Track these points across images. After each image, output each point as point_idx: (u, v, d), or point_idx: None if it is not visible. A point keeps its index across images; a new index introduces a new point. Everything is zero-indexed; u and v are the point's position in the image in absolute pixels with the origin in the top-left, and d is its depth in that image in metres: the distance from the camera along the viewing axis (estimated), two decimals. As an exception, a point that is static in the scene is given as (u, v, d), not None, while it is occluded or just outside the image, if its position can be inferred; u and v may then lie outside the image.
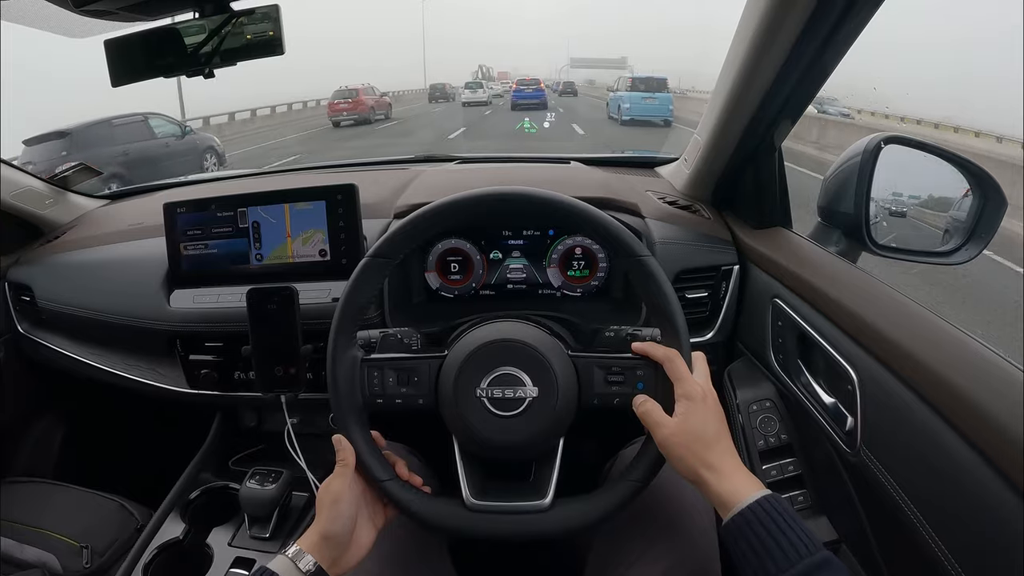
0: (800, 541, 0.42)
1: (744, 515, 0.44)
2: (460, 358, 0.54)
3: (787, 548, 0.42)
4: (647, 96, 10.88)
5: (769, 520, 0.43)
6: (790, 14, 0.57)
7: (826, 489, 0.67)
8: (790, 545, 0.42)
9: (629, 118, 10.74)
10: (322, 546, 0.49)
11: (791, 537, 0.43)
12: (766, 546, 0.43)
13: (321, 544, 0.49)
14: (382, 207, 0.88)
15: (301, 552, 0.48)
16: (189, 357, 0.85)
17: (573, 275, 0.84)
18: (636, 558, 0.56)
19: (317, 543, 0.49)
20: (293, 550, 0.49)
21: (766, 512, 0.44)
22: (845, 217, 0.72)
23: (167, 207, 0.84)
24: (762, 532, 0.43)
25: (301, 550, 0.48)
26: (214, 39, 0.72)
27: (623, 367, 0.54)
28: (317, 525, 0.50)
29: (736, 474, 0.47)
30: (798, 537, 0.43)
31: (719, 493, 0.46)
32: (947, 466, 0.45)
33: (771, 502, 0.45)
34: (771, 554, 0.42)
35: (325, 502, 0.51)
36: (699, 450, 0.48)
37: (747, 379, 0.77)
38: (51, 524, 0.84)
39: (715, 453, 0.48)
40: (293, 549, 0.49)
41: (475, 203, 0.54)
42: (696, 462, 0.48)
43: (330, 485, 0.51)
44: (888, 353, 0.53)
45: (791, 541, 0.42)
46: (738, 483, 0.47)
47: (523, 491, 0.54)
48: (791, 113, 0.73)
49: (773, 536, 0.43)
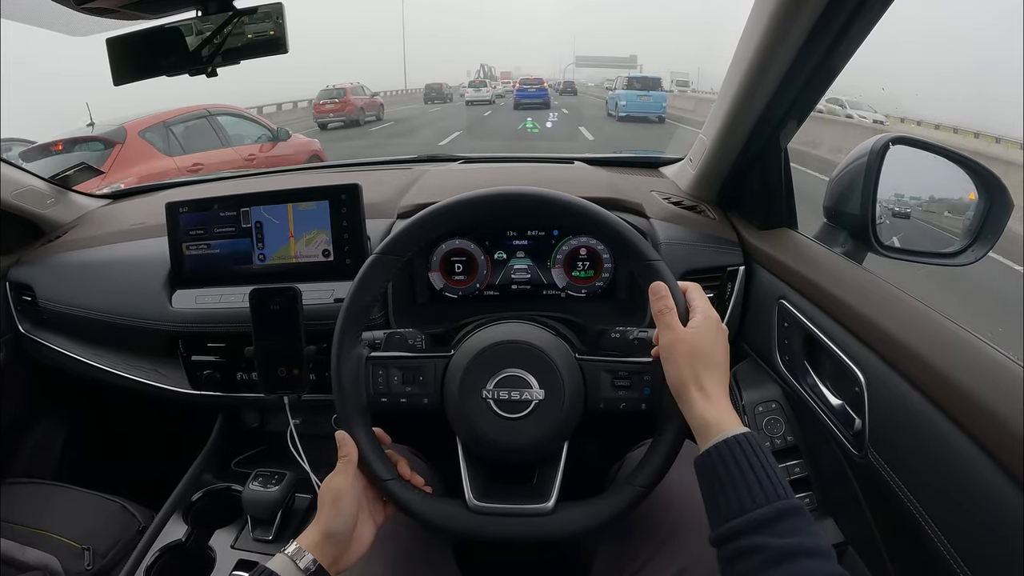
0: (778, 483, 0.41)
1: (727, 444, 0.43)
2: (467, 358, 0.53)
3: (765, 485, 0.41)
4: (642, 94, 11.53)
5: (751, 455, 0.42)
6: (799, 15, 0.57)
7: (833, 491, 0.67)
8: (769, 483, 0.41)
9: (625, 114, 11.37)
10: (323, 544, 0.48)
11: (770, 476, 0.42)
12: (746, 479, 0.41)
13: (322, 542, 0.48)
14: (386, 207, 0.88)
15: (301, 550, 0.48)
16: (191, 358, 0.85)
17: (578, 276, 0.83)
18: (643, 563, 0.56)
19: (318, 541, 0.48)
20: (293, 548, 0.48)
21: (749, 447, 0.43)
22: (851, 218, 0.72)
23: (169, 207, 0.83)
24: (744, 464, 0.42)
25: (301, 548, 0.48)
26: (216, 38, 0.72)
27: (630, 371, 0.53)
28: (318, 522, 0.50)
29: (724, 407, 0.46)
30: (776, 478, 0.42)
31: (703, 417, 0.45)
32: (956, 468, 0.45)
33: (752, 439, 0.44)
34: (750, 488, 0.41)
35: (327, 499, 0.50)
36: (698, 367, 0.47)
37: (753, 380, 0.77)
38: (52, 526, 0.83)
39: (711, 377, 0.47)
40: (293, 547, 0.48)
41: (486, 202, 0.54)
42: (690, 377, 0.46)
43: (332, 482, 0.51)
44: (896, 354, 0.52)
45: (770, 480, 0.41)
46: (724, 415, 0.45)
47: (526, 494, 0.53)
48: (798, 114, 0.72)
49: (754, 471, 0.42)
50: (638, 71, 26.30)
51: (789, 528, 0.39)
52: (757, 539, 0.39)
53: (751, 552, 0.39)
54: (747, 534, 0.40)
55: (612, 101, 12.55)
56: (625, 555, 0.58)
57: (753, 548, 0.39)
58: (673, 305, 0.50)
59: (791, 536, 0.39)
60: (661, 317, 0.50)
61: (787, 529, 0.39)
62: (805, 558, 0.38)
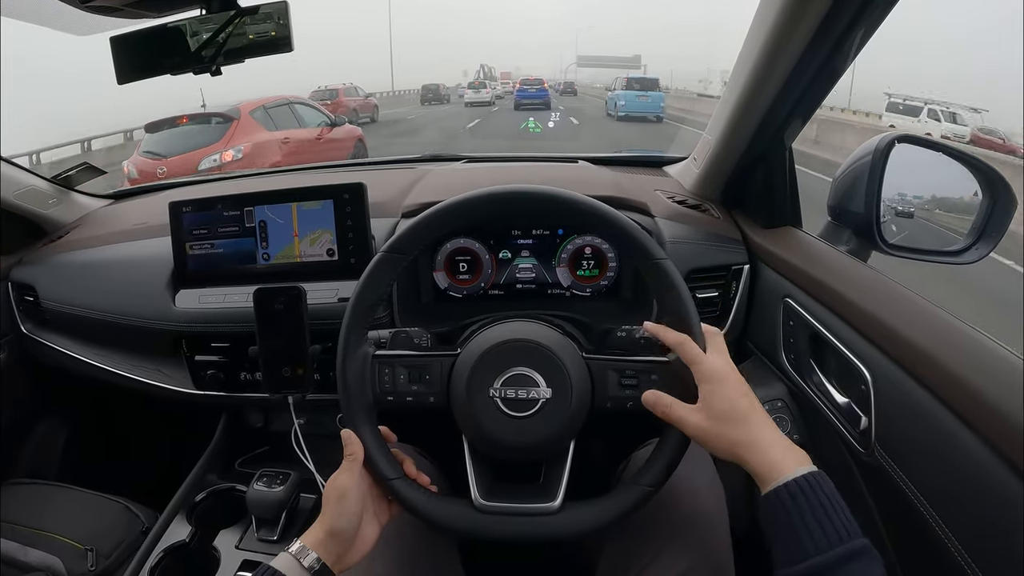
0: (842, 525, 0.40)
1: (787, 488, 0.42)
2: (473, 357, 0.53)
3: (828, 529, 0.40)
4: (641, 94, 11.71)
5: (813, 496, 0.41)
6: (804, 15, 0.57)
7: (839, 490, 0.67)
8: (831, 526, 0.40)
9: (624, 114, 11.50)
10: (327, 542, 0.48)
11: (832, 518, 0.40)
12: (807, 523, 0.40)
13: (326, 540, 0.48)
14: (390, 206, 0.88)
15: (305, 548, 0.47)
16: (195, 358, 0.85)
17: (583, 275, 0.83)
18: (648, 561, 0.56)
19: (322, 539, 0.48)
20: (296, 547, 0.48)
21: (810, 488, 0.41)
22: (856, 216, 0.72)
23: (172, 206, 0.83)
24: (804, 507, 0.41)
25: (305, 546, 0.48)
26: (221, 36, 0.71)
27: (637, 370, 0.53)
28: (323, 521, 0.49)
29: (775, 447, 0.45)
30: (840, 520, 0.40)
31: (759, 468, 0.44)
32: (963, 466, 0.45)
33: (816, 479, 0.42)
34: (811, 532, 0.40)
35: (331, 498, 0.50)
36: (731, 432, 0.46)
37: (758, 379, 0.77)
38: (55, 526, 0.83)
39: (749, 429, 0.46)
40: (296, 546, 0.48)
41: (492, 200, 0.54)
42: (730, 445, 0.46)
43: (337, 480, 0.51)
44: (903, 352, 0.52)
45: (832, 523, 0.40)
46: (778, 455, 0.44)
47: (532, 493, 0.53)
48: (802, 113, 0.72)
49: (815, 515, 0.40)
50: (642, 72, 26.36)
51: (853, 572, 0.39)
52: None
53: None
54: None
55: (611, 101, 12.76)
56: (631, 554, 0.57)
57: None
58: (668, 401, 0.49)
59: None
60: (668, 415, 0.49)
61: (850, 572, 0.39)
62: None
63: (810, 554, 0.40)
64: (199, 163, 4.72)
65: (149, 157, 4.95)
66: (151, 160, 4.90)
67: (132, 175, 4.89)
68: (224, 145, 4.74)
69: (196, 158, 4.73)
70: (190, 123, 4.92)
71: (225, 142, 4.70)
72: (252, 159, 4.76)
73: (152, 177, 4.63)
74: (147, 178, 4.67)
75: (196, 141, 4.86)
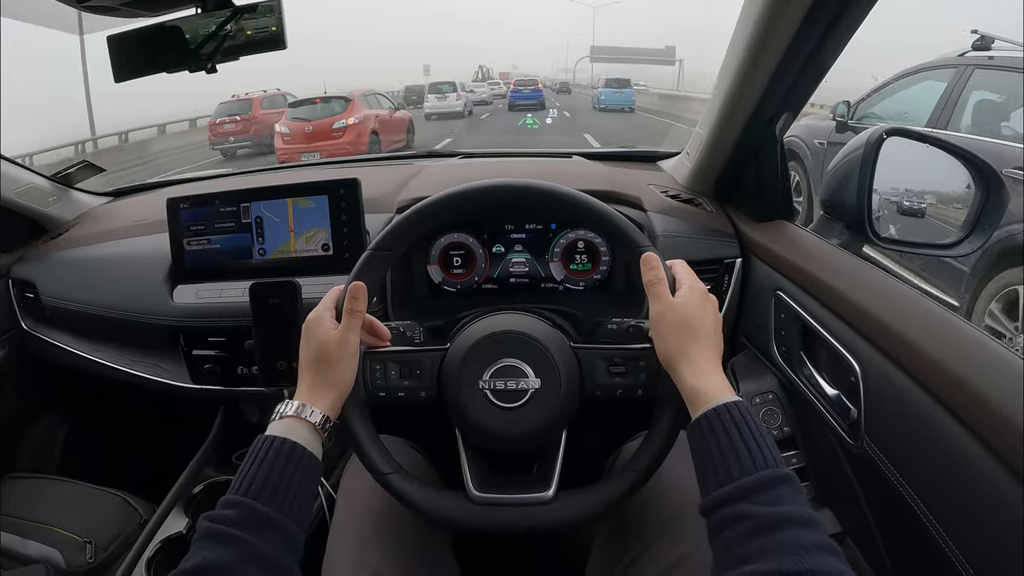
0: (769, 452, 0.41)
1: (716, 412, 0.43)
2: (462, 350, 0.54)
3: (755, 454, 0.40)
4: (616, 91, 14.75)
5: (740, 423, 0.42)
6: (789, 7, 0.57)
7: (830, 481, 0.67)
8: (759, 451, 0.40)
9: (603, 107, 14.65)
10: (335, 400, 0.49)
11: (761, 445, 0.41)
12: (735, 447, 0.41)
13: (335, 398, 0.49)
14: (385, 202, 0.88)
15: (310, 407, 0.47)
16: (192, 352, 0.86)
17: (576, 269, 0.84)
18: (639, 554, 0.56)
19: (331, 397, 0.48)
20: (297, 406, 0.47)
21: (740, 415, 0.42)
22: (847, 209, 0.72)
23: (170, 203, 0.84)
24: (734, 433, 0.41)
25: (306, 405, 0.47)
26: (216, 35, 0.72)
27: (625, 358, 0.54)
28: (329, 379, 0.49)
29: (715, 375, 0.45)
30: (767, 448, 0.41)
31: (693, 387, 0.45)
32: (951, 457, 0.45)
33: (742, 407, 0.43)
34: (738, 456, 0.40)
35: (338, 354, 0.49)
36: (686, 337, 0.47)
37: (750, 372, 0.77)
38: (54, 519, 0.84)
39: (700, 346, 0.47)
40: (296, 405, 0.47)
41: (474, 195, 0.55)
42: (678, 348, 0.46)
43: (344, 335, 0.49)
44: (891, 344, 0.53)
45: (760, 449, 0.40)
46: (715, 383, 0.45)
47: (526, 483, 0.53)
48: (792, 106, 0.72)
49: (743, 438, 0.41)
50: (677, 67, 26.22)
51: (777, 497, 0.39)
52: (743, 507, 0.39)
53: (737, 520, 0.39)
54: (733, 502, 0.39)
55: (595, 97, 15.84)
56: (623, 545, 0.58)
57: (739, 516, 0.39)
58: (664, 276, 0.50)
59: (778, 504, 0.38)
60: (651, 288, 0.49)
61: (775, 498, 0.39)
62: (792, 526, 0.37)
63: (735, 476, 0.40)
64: (333, 124, 7.29)
65: (298, 121, 7.42)
66: (300, 123, 7.38)
67: (284, 132, 7.35)
68: (348, 115, 7.35)
69: (331, 122, 7.32)
70: (322, 102, 7.66)
71: (348, 113, 7.39)
72: (363, 125, 7.37)
73: (302, 133, 7.26)
74: (297, 134, 7.27)
75: (326, 113, 7.48)
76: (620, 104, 14.48)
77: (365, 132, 7.35)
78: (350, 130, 7.24)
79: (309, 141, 7.20)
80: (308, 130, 7.29)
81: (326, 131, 7.24)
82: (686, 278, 0.51)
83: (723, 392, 0.44)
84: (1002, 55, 2.39)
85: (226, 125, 8.93)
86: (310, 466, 0.46)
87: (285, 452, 0.45)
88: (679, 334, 0.47)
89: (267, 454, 0.45)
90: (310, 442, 0.47)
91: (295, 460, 0.45)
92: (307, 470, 0.45)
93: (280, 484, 0.44)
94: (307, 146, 7.09)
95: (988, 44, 2.39)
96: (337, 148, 6.94)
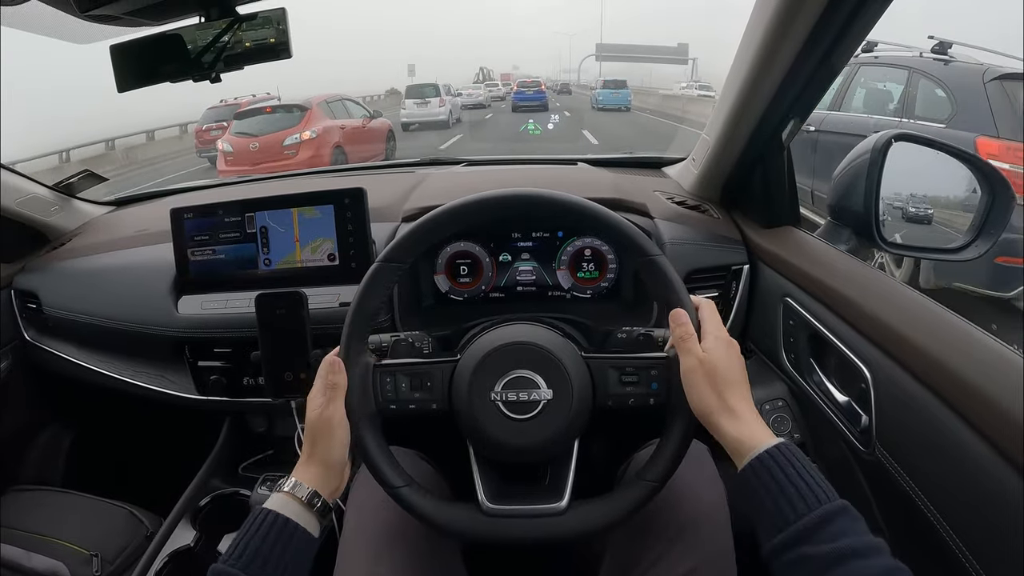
0: (819, 487, 0.41)
1: (762, 460, 0.43)
2: (473, 362, 0.53)
3: (806, 494, 0.40)
4: (614, 91, 15.58)
5: (788, 465, 0.42)
6: (800, 14, 0.57)
7: (841, 488, 0.66)
8: (809, 491, 0.41)
9: (601, 106, 15.35)
10: (323, 476, 0.49)
11: (809, 483, 0.41)
12: (784, 492, 0.41)
13: (322, 474, 0.49)
14: (390, 211, 0.88)
15: (300, 484, 0.48)
16: (198, 363, 0.85)
17: (583, 277, 0.83)
18: (651, 563, 0.56)
19: (318, 473, 0.49)
20: (291, 482, 0.48)
21: (784, 458, 0.42)
22: (855, 215, 0.72)
23: (174, 213, 0.83)
24: (780, 477, 0.42)
25: (299, 482, 0.48)
26: (220, 43, 0.72)
27: (637, 367, 0.53)
28: (314, 455, 0.49)
29: (753, 421, 0.46)
30: (816, 483, 0.41)
31: (736, 436, 0.45)
32: (963, 463, 0.45)
33: (789, 448, 0.43)
34: (789, 500, 0.41)
35: (322, 430, 0.50)
36: (722, 387, 0.47)
37: (759, 379, 0.77)
38: (60, 532, 0.83)
39: (735, 395, 0.47)
40: (291, 482, 0.48)
41: (484, 206, 0.54)
42: (716, 399, 0.47)
43: (325, 412, 0.50)
44: (902, 351, 0.53)
45: (809, 487, 0.41)
46: (755, 429, 0.45)
47: (539, 494, 0.53)
48: (800, 112, 0.73)
49: (792, 481, 0.41)
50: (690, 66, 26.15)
51: (834, 532, 0.39)
52: (803, 550, 0.39)
53: (799, 564, 0.39)
54: (793, 547, 0.39)
55: (594, 97, 16.80)
56: (634, 555, 0.58)
57: (801, 560, 0.39)
58: (694, 331, 0.50)
59: (838, 540, 0.38)
60: (682, 343, 0.50)
61: (832, 533, 0.39)
62: (853, 559, 0.37)
63: (791, 521, 0.40)
64: (284, 140, 5.95)
65: (242, 137, 6.16)
66: (244, 139, 6.11)
67: (227, 150, 6.12)
68: (302, 127, 6.01)
69: (281, 137, 5.98)
70: (273, 112, 6.40)
71: (303, 125, 6.04)
72: (322, 139, 6.03)
73: (246, 151, 5.97)
74: (241, 153, 6.00)
75: (278, 125, 6.15)
76: (617, 104, 15.21)
77: (326, 148, 5.99)
78: (305, 147, 5.85)
79: (255, 162, 5.85)
80: (253, 148, 5.91)
81: (275, 149, 5.87)
82: (709, 328, 0.51)
83: (764, 437, 0.45)
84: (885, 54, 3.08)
85: (213, 132, 8.34)
86: (303, 540, 0.47)
87: (278, 526, 0.46)
88: (713, 387, 0.47)
89: (260, 527, 0.46)
90: (304, 517, 0.48)
91: (287, 534, 0.46)
92: (299, 544, 0.47)
93: (271, 556, 0.45)
94: (252, 168, 5.74)
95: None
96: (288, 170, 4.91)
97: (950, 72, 2.67)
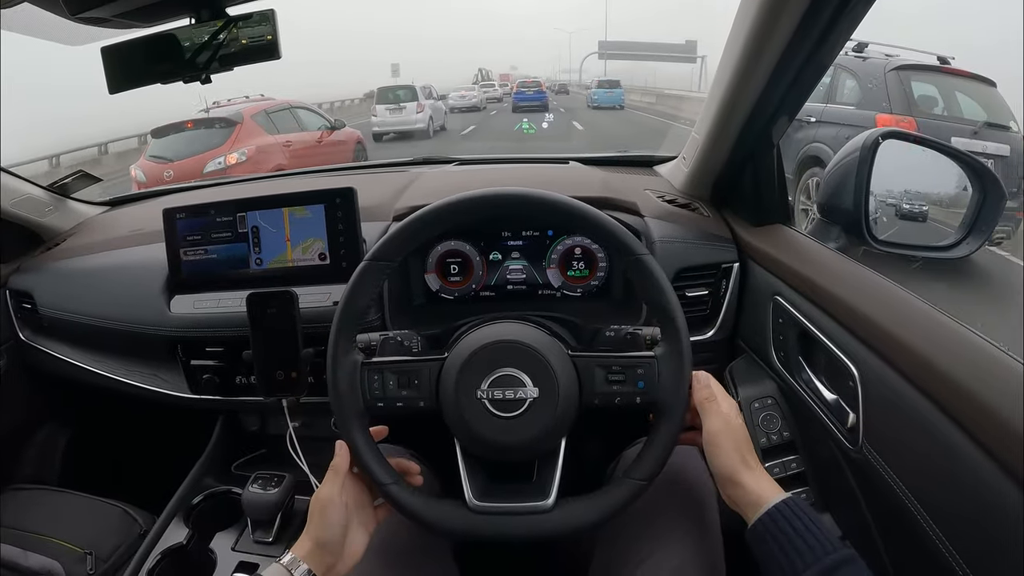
0: (825, 538, 0.45)
1: (771, 515, 0.47)
2: (460, 360, 0.53)
3: (813, 544, 0.44)
4: (608, 91, 16.44)
5: (795, 518, 0.46)
6: (785, 11, 0.57)
7: (829, 486, 0.67)
8: (816, 542, 0.44)
9: (596, 104, 16.06)
10: (316, 553, 0.50)
11: (816, 534, 0.45)
12: (794, 544, 0.45)
13: (315, 551, 0.50)
14: (381, 210, 0.88)
15: (296, 560, 0.49)
16: (190, 362, 0.86)
17: (573, 275, 0.84)
18: (641, 559, 0.56)
19: (311, 550, 0.50)
20: (288, 558, 0.49)
21: (791, 511, 0.46)
22: (845, 213, 0.72)
23: (166, 213, 0.84)
24: (788, 530, 0.45)
25: (296, 558, 0.49)
26: (211, 45, 0.72)
27: (623, 366, 0.53)
28: (309, 532, 0.51)
29: (762, 478, 0.50)
30: (822, 534, 0.45)
31: (755, 490, 0.49)
32: (950, 461, 0.45)
33: (795, 501, 0.47)
34: (798, 551, 0.44)
35: (315, 510, 0.51)
36: (743, 448, 0.51)
37: (748, 377, 0.77)
38: (55, 531, 0.84)
39: (750, 452, 0.52)
40: (288, 557, 0.49)
41: (471, 205, 0.54)
42: (739, 459, 0.51)
43: (319, 492, 0.52)
44: (889, 348, 0.53)
45: (816, 538, 0.44)
46: (764, 486, 0.49)
47: (526, 492, 0.53)
48: (788, 110, 0.72)
49: (800, 534, 0.45)
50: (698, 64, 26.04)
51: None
52: None
53: None
54: None
55: (589, 96, 17.51)
56: (623, 552, 0.58)
57: None
58: (716, 394, 0.53)
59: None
60: (706, 404, 0.53)
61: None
62: None
63: (800, 571, 0.44)
64: (204, 166, 4.75)
65: (156, 161, 5.01)
66: (158, 164, 4.96)
67: (140, 179, 4.94)
68: (228, 148, 4.79)
69: (202, 162, 4.78)
70: (195, 128, 5.05)
71: (229, 145, 4.80)
72: (256, 162, 4.77)
73: (159, 180, 4.66)
74: (154, 182, 4.71)
75: (201, 145, 4.89)
76: (611, 102, 15.99)
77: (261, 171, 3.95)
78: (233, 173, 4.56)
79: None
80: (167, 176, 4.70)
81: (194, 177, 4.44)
82: (718, 391, 0.54)
83: (772, 492, 0.49)
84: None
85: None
86: None
87: None
88: (736, 447, 0.51)
89: None
90: None
91: None
92: None
93: None
94: (165, 201, 4.48)
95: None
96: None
97: (864, 66, 3.37)
